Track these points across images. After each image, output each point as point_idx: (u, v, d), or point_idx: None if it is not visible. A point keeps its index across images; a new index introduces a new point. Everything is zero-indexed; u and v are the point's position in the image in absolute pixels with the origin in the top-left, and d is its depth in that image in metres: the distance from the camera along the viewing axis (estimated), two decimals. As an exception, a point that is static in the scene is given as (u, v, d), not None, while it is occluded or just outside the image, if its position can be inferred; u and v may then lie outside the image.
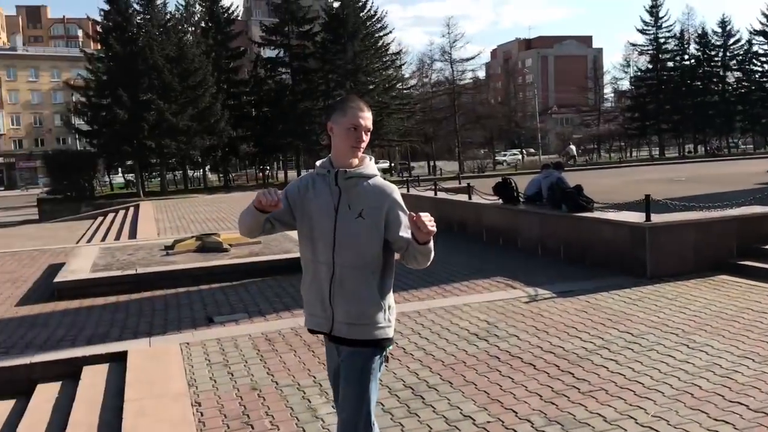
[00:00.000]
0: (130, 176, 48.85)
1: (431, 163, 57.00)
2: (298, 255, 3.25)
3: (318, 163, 3.17)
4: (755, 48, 62.64)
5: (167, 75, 40.22)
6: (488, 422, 4.66)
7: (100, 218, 27.20)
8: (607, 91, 78.94)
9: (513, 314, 7.51)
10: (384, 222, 2.99)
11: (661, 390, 5.04)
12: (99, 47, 45.60)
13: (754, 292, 7.88)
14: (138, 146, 40.10)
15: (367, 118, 3.01)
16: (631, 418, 4.58)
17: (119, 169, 49.29)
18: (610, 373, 5.47)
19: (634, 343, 6.23)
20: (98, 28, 44.46)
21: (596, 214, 10.40)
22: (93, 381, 5.95)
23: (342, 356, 3.11)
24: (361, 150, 3.03)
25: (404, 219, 2.98)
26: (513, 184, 12.71)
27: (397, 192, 3.06)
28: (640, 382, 5.23)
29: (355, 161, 3.05)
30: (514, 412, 4.81)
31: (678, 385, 5.13)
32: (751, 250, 9.24)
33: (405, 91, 57.79)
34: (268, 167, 56.10)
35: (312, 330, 3.19)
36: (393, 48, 55.77)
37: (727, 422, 4.41)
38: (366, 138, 3.01)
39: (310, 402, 5.21)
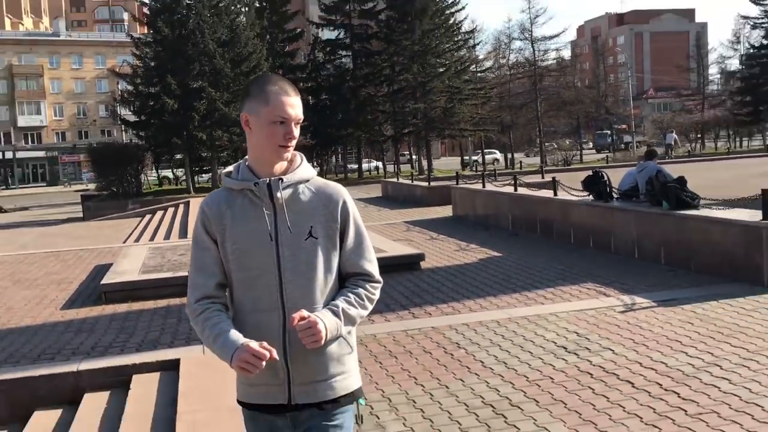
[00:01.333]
0: (180, 171, 50.13)
1: (509, 155, 56.46)
2: (381, 255, 3.06)
3: (226, 171, 2.60)
4: None
5: (219, 60, 41.04)
6: (581, 446, 4.58)
7: (148, 216, 28.01)
8: (713, 71, 76.64)
9: (606, 325, 7.37)
10: (339, 238, 2.54)
11: (784, 414, 4.85)
12: (146, 31, 46.95)
13: None
14: (188, 138, 41.07)
15: (296, 105, 2.47)
16: (754, 445, 4.43)
17: (169, 164, 50.62)
18: (723, 394, 5.30)
19: (750, 360, 6.02)
20: (145, 10, 45.76)
21: (703, 212, 10.08)
22: (143, 391, 6.13)
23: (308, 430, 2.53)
24: (291, 149, 2.51)
25: (365, 240, 2.59)
26: (605, 178, 12.45)
27: (348, 196, 2.58)
28: (760, 405, 5.05)
29: (284, 164, 2.53)
30: (610, 435, 4.71)
31: (803, 409, 4.93)
32: None
33: (479, 75, 57.46)
34: (327, 160, 56.69)
35: (253, 406, 2.57)
36: (466, 26, 55.48)
37: None
38: (297, 133, 2.49)
39: (378, 419, 5.23)
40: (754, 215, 9.11)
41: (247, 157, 2.58)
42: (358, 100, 49.54)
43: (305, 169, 2.55)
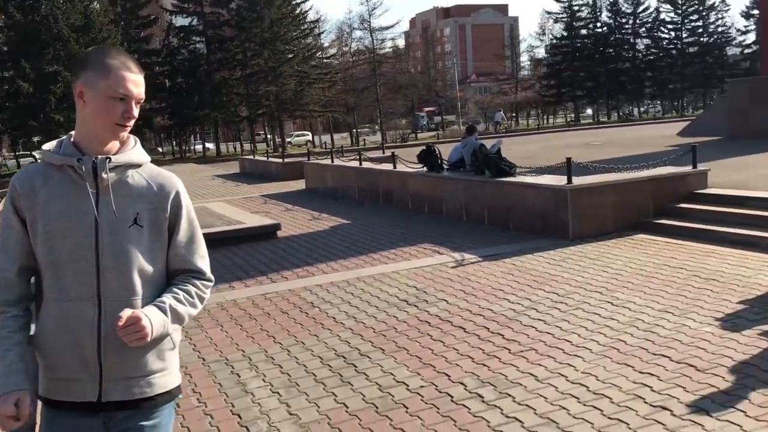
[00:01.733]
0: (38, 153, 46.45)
1: (354, 132, 56.74)
2: (240, 226, 2.55)
3: (48, 146, 2.11)
4: (662, 16, 65.09)
5: (73, 45, 38.24)
6: (422, 387, 4.65)
7: (6, 197, 25.81)
8: (524, 59, 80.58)
9: (441, 279, 7.54)
10: (167, 231, 2.13)
11: (589, 347, 5.15)
12: (-2, 16, 42.92)
13: (669, 249, 8.18)
14: (45, 121, 38.12)
15: (139, 83, 2.07)
16: (562, 375, 4.66)
17: (28, 146, 46.81)
18: (539, 333, 5.56)
19: (560, 302, 6.36)
20: (-5, -5, 41.78)
21: (518, 179, 10.55)
22: None
23: None
24: (128, 129, 2.10)
25: (197, 235, 2.19)
26: (437, 152, 12.74)
27: (182, 187, 2.18)
28: (569, 341, 5.33)
29: (116, 144, 2.09)
30: (446, 375, 4.82)
31: (604, 341, 5.26)
32: (666, 209, 9.59)
33: (325, 61, 57.13)
34: (185, 140, 54.56)
35: (57, 403, 2.07)
36: (311, 16, 55.15)
37: (652, 374, 4.55)
38: (136, 113, 2.08)
39: (239, 377, 5.07)
40: (559, 180, 9.63)
41: (72, 132, 2.11)
42: (213, 84, 47.91)
43: (138, 153, 2.12)
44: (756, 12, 58.63)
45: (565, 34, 64.33)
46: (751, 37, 61.86)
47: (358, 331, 5.96)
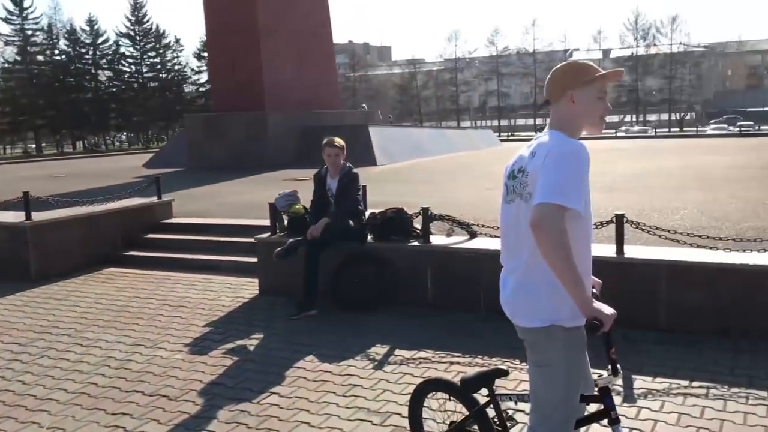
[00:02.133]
0: None
1: None
2: None
3: None
4: (122, 49, 66.12)
5: None
6: None
7: None
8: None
9: None
10: None
11: (56, 397, 4.73)
12: None
13: (140, 280, 8.21)
14: None
15: None
16: (25, 436, 4.16)
17: None
18: (-3, 392, 4.87)
19: (22, 353, 5.72)
20: None
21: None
22: None
23: None
24: None
25: None
26: None
27: None
28: (32, 395, 4.80)
29: None
30: None
31: (73, 387, 4.91)
32: (135, 241, 9.64)
33: None
34: None
35: None
36: None
37: (125, 413, 4.42)
38: None
39: None
40: (18, 216, 8.77)
41: None
42: None
43: None
44: (206, 54, 64.60)
45: (19, 58, 59.80)
46: (204, 77, 67.67)
47: None
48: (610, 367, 2.49)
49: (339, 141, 6.72)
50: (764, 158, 19.27)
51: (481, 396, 3.04)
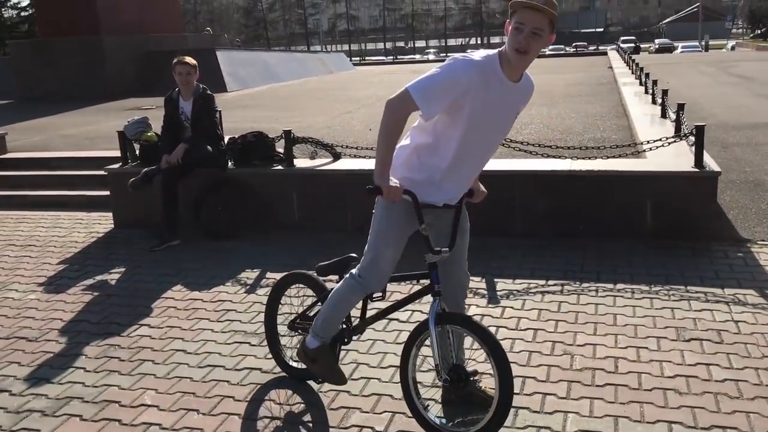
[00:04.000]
0: None
1: None
2: None
3: None
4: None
5: None
6: None
7: None
8: None
9: None
10: None
11: None
12: None
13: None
14: None
15: None
16: None
17: None
18: None
19: None
20: None
21: None
22: None
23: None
24: None
25: None
26: None
27: None
28: None
29: None
30: None
31: None
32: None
33: None
34: None
35: None
36: None
37: (-20, 359, 4.13)
38: None
39: None
40: None
41: None
42: None
43: None
44: (26, -26, 58.49)
45: None
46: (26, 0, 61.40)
47: None
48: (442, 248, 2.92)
49: (190, 59, 6.42)
50: (597, 76, 20.60)
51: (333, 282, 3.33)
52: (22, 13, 62.59)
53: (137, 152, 7.13)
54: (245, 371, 3.78)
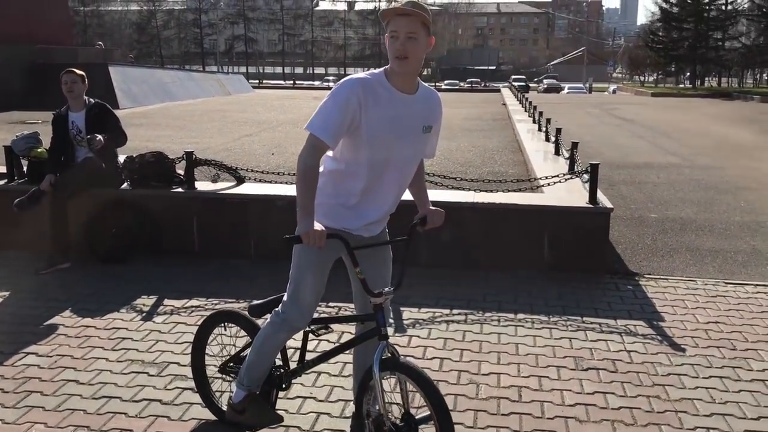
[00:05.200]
0: None
1: None
2: None
3: None
4: None
5: None
6: None
7: None
8: None
9: None
10: None
11: None
12: None
13: None
14: None
15: None
16: None
17: None
18: None
19: None
20: None
21: None
22: None
23: None
24: None
25: None
26: None
27: None
28: None
29: None
30: None
31: None
32: None
33: None
34: None
35: None
36: None
37: None
38: None
39: None
40: None
41: None
42: None
43: None
44: None
45: None
46: None
47: None
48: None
49: (77, 69, 6.19)
50: (492, 112, 21.41)
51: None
52: None
53: (25, 169, 6.74)
54: (144, 402, 3.61)
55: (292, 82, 74.48)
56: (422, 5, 2.63)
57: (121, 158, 6.57)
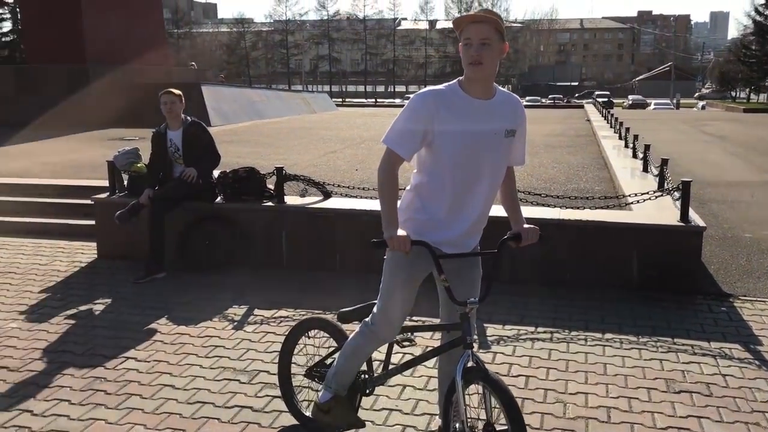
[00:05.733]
0: None
1: None
2: None
3: None
4: None
5: None
6: None
7: None
8: None
9: None
10: None
11: None
12: None
13: (-45, 246, 7.39)
14: None
15: None
16: None
17: None
18: None
19: None
20: None
21: None
22: None
23: None
24: None
25: None
26: None
27: None
28: None
29: None
30: None
31: None
32: None
33: None
34: None
35: None
36: None
37: None
38: None
39: None
40: None
41: None
42: None
43: None
44: (11, 0, 58.49)
45: None
46: (7, 25, 61.18)
47: None
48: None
49: (175, 90, 6.48)
50: (575, 128, 21.00)
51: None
52: (3, 39, 62.39)
53: (125, 183, 7.07)
54: (235, 409, 3.71)
55: (374, 100, 75.34)
56: (495, 12, 2.65)
57: (216, 173, 6.81)
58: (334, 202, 6.65)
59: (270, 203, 6.63)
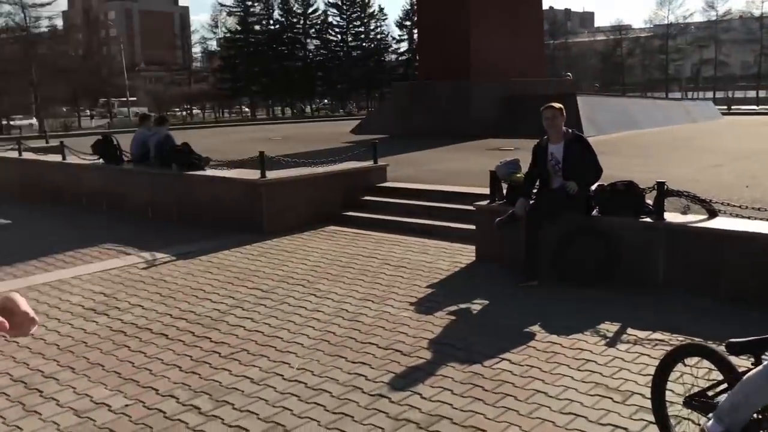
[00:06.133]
0: None
1: (3, 122, 49.97)
2: None
3: None
4: (330, 19, 69.08)
5: None
6: (127, 406, 4.15)
7: None
8: (196, 50, 79.11)
9: (132, 282, 6.92)
10: None
11: (300, 341, 5.12)
12: None
13: (360, 239, 8.60)
14: None
15: None
16: (278, 374, 4.54)
17: None
18: (248, 332, 5.37)
19: (265, 298, 6.25)
20: None
21: (210, 172, 10.21)
22: None
23: None
24: None
25: None
26: (115, 142, 11.74)
27: None
28: (279, 337, 5.24)
29: None
30: (154, 389, 4.37)
31: (314, 334, 5.28)
32: (353, 201, 10.09)
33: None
34: None
35: None
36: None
37: (364, 363, 4.67)
38: None
39: None
40: (253, 174, 9.53)
41: None
42: None
43: None
44: (408, 23, 65.59)
45: (239, 28, 64.72)
46: (404, 46, 68.87)
47: (37, 349, 5.13)
48: None
49: (556, 103, 6.60)
50: None
51: (743, 362, 2.87)
52: (400, 58, 70.22)
53: (504, 192, 7.45)
54: (609, 427, 3.67)
55: (767, 106, 66.89)
56: None
57: (593, 186, 6.77)
58: (722, 222, 6.11)
59: (648, 219, 6.36)
